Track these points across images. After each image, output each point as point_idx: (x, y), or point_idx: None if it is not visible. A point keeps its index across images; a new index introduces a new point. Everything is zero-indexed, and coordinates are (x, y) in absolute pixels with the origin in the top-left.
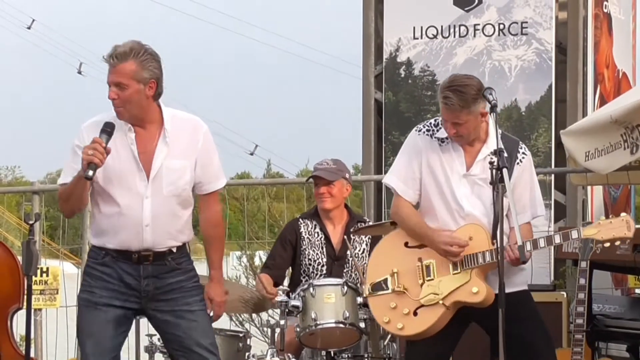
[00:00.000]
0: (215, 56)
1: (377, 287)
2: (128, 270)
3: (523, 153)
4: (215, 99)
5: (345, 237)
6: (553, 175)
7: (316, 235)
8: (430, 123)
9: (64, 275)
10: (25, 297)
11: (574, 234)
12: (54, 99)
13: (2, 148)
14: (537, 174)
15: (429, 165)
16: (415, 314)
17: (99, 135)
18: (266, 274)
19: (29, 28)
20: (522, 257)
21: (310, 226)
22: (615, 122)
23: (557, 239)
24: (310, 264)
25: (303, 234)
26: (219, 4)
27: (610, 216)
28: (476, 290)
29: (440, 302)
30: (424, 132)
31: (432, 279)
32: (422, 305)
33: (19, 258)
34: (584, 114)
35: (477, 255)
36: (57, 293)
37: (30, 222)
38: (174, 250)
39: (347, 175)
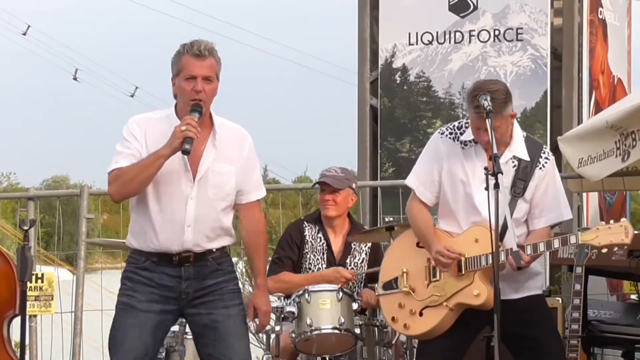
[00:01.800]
0: None
1: (388, 285)
2: (169, 273)
3: (546, 158)
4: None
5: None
6: None
7: (318, 240)
8: (454, 126)
9: (59, 281)
10: (17, 303)
11: (572, 239)
12: (50, 104)
13: None
14: None
15: (450, 169)
16: (421, 314)
17: (190, 114)
18: (288, 271)
19: (24, 34)
20: (517, 263)
21: (313, 230)
22: (611, 127)
23: (556, 244)
24: (310, 269)
25: (307, 237)
26: (215, 11)
27: (611, 221)
28: (477, 292)
29: (444, 303)
30: (446, 135)
31: (438, 280)
32: (428, 306)
33: (13, 265)
34: (579, 120)
35: (480, 258)
36: (52, 299)
37: (25, 227)
38: (214, 250)
39: (353, 185)
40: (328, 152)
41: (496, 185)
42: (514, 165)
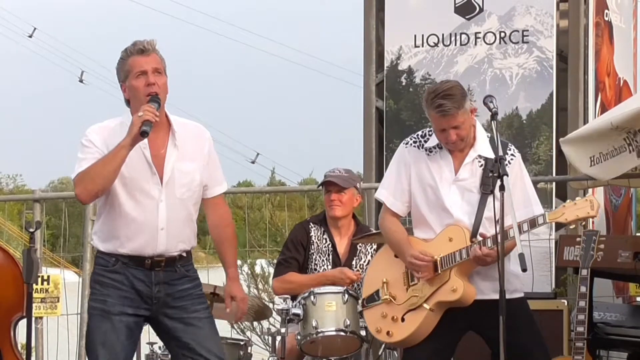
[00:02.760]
0: (215, 64)
1: (370, 299)
2: (139, 277)
3: (512, 154)
4: (215, 107)
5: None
6: (554, 183)
7: (324, 241)
8: (417, 135)
9: (65, 283)
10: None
11: (540, 220)
12: (56, 107)
13: (3, 156)
14: (538, 182)
15: (418, 175)
16: (402, 319)
17: (148, 103)
18: (294, 272)
19: (30, 36)
20: (522, 265)
21: (319, 231)
22: (615, 128)
23: (525, 227)
24: (315, 270)
25: (313, 238)
26: (221, 12)
27: (577, 198)
28: (454, 287)
29: (424, 305)
30: (411, 144)
31: (416, 284)
32: (409, 310)
33: (21, 267)
34: (585, 122)
35: (455, 254)
36: (58, 301)
37: (31, 230)
38: (184, 255)
39: (358, 185)
40: (333, 155)
41: (502, 188)
42: (481, 164)
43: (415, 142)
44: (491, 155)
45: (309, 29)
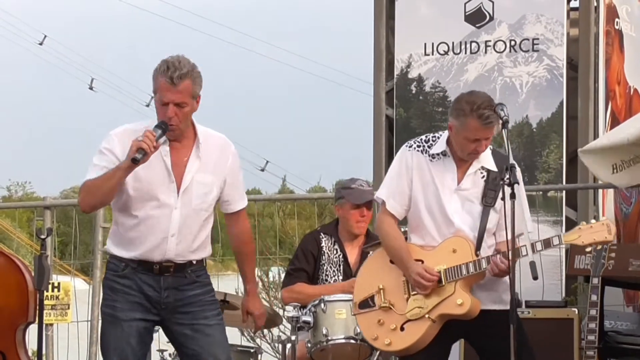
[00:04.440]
0: (227, 72)
1: (364, 304)
2: (148, 282)
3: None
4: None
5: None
6: (564, 192)
7: (335, 252)
8: (422, 139)
9: (75, 291)
10: (36, 312)
11: (555, 241)
12: (65, 114)
13: (13, 164)
14: (548, 190)
15: (420, 181)
16: (402, 329)
17: (153, 128)
18: (302, 282)
19: (40, 44)
20: (533, 273)
21: (329, 242)
22: (632, 144)
23: (539, 247)
24: (326, 280)
25: (324, 249)
26: (231, 23)
27: (592, 220)
28: (460, 302)
29: (426, 315)
30: (414, 148)
31: (417, 293)
32: (409, 320)
33: (27, 274)
34: (595, 131)
35: (461, 267)
36: (69, 308)
37: (42, 236)
38: (194, 262)
39: None
40: (343, 162)
41: (512, 196)
42: (483, 176)
43: (419, 146)
44: (494, 168)
45: (318, 38)
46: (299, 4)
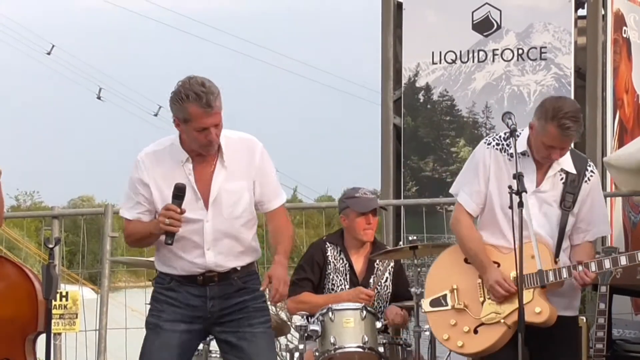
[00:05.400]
0: (233, 81)
1: (436, 302)
2: (194, 293)
3: (591, 171)
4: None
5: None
6: None
7: (341, 261)
8: (500, 137)
9: (83, 300)
10: (44, 321)
11: (623, 260)
12: (74, 124)
13: (21, 173)
14: None
15: (497, 179)
16: (475, 332)
17: (172, 202)
18: (307, 292)
19: (48, 54)
20: (541, 282)
21: (335, 251)
22: None
23: (623, 261)
24: (333, 289)
25: (329, 258)
26: (238, 31)
27: None
28: (539, 310)
29: (502, 321)
30: (493, 145)
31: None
32: (483, 324)
33: (37, 284)
34: (603, 139)
35: (541, 275)
36: (77, 317)
37: (51, 245)
38: (239, 268)
39: None
40: (351, 171)
41: (520, 204)
42: (562, 179)
43: (498, 144)
44: (573, 170)
45: (326, 46)
46: (306, 13)
